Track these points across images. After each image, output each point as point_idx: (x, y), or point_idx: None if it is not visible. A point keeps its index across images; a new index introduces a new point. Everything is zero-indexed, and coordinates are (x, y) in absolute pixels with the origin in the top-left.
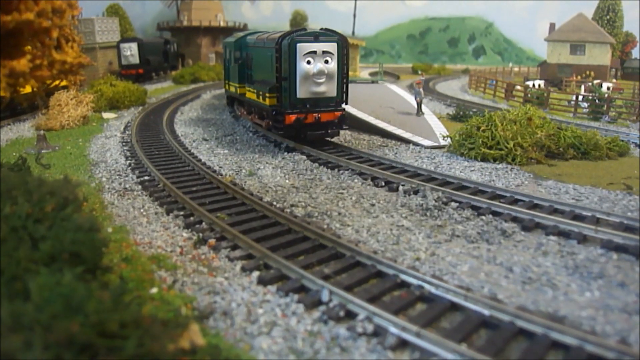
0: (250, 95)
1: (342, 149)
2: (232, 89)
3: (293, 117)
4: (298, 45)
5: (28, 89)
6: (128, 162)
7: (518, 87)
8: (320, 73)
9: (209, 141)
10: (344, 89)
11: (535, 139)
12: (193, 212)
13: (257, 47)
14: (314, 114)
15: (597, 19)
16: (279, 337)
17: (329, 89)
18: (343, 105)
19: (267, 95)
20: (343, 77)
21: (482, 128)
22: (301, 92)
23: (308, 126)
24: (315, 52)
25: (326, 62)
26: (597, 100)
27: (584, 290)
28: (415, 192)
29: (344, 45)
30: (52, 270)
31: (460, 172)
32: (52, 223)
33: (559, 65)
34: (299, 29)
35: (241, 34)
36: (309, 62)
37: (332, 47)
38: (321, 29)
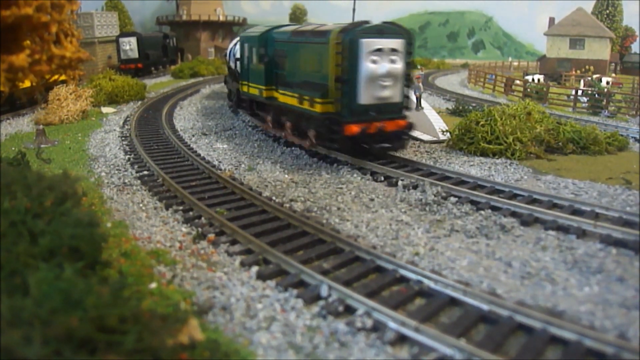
0: (286, 99)
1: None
2: (254, 92)
3: (356, 127)
4: (362, 41)
5: (27, 84)
6: (127, 156)
7: (517, 82)
8: (387, 75)
9: (208, 136)
10: (407, 94)
11: (535, 134)
12: (192, 207)
13: (295, 42)
14: (378, 124)
15: (597, 14)
16: (278, 332)
17: (394, 93)
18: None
19: (318, 100)
20: (406, 80)
21: (482, 123)
22: (364, 97)
23: (371, 138)
24: (381, 50)
25: (392, 61)
26: (596, 95)
27: (582, 285)
28: (415, 187)
29: (410, 43)
30: (51, 265)
31: (460, 166)
32: (51, 218)
33: (559, 59)
34: (361, 22)
35: (263, 27)
36: (374, 62)
37: (399, 44)
38: (384, 22)
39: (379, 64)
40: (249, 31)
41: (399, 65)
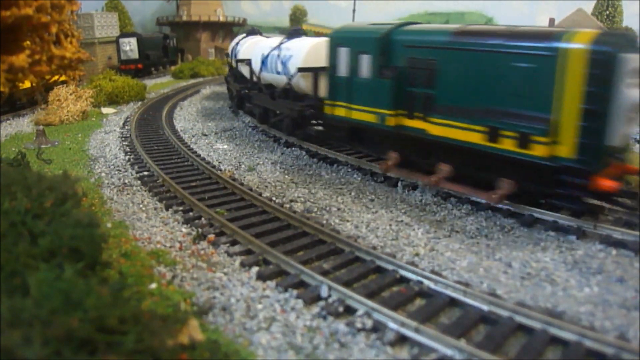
0: (451, 133)
1: (341, 144)
2: (363, 117)
3: (610, 181)
4: (624, 57)
5: (27, 84)
6: (127, 157)
7: None
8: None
9: (208, 136)
10: None
11: None
12: (192, 207)
13: (469, 50)
14: (617, 170)
15: (597, 15)
16: (278, 333)
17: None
18: None
19: (540, 139)
20: None
21: None
22: (617, 135)
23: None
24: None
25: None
26: None
27: (582, 285)
28: (414, 188)
29: None
30: (51, 266)
31: None
32: (52, 218)
33: None
34: (617, 31)
35: (375, 25)
36: (632, 86)
37: None
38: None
39: (636, 89)
40: (346, 29)
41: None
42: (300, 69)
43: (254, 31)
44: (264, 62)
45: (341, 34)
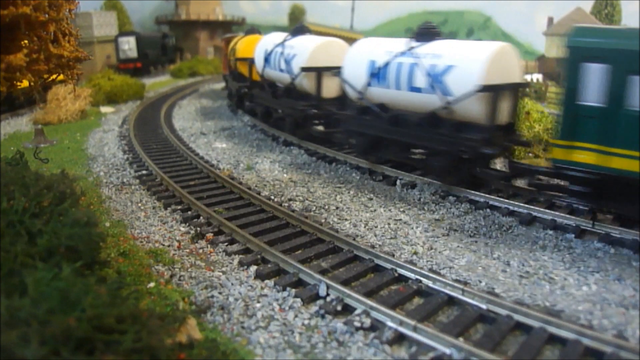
0: None
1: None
2: (627, 165)
3: None
4: None
5: (25, 84)
6: (126, 156)
7: None
8: None
9: (207, 135)
10: None
11: (533, 133)
12: (191, 206)
13: None
14: None
15: (595, 13)
16: (276, 332)
17: None
18: None
19: None
20: None
21: None
22: None
23: None
24: None
25: None
26: None
27: (581, 284)
28: (413, 186)
29: None
30: (49, 265)
31: None
32: (49, 218)
33: (557, 59)
34: None
35: None
36: None
37: None
38: None
39: None
40: (598, 34)
41: None
42: (484, 88)
43: (302, 29)
44: (377, 74)
45: (591, 42)
